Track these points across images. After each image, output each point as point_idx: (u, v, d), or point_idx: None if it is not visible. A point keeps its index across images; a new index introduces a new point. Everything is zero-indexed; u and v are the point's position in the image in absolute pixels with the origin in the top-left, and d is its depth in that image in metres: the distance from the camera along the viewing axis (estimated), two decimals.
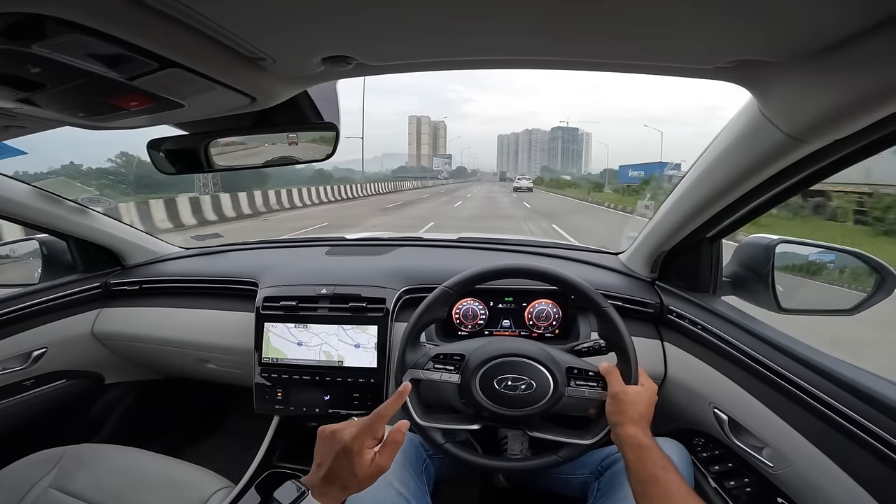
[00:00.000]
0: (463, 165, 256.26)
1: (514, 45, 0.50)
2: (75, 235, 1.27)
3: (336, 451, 0.53)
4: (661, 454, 0.65)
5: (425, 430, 0.74)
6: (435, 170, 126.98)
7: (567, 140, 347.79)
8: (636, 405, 0.70)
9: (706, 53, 0.48)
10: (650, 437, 0.67)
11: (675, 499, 0.59)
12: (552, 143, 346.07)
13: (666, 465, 0.63)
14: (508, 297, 1.10)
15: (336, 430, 0.54)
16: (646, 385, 0.74)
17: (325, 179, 32.21)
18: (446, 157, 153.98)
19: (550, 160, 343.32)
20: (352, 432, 0.53)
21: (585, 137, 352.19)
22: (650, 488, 0.61)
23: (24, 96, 0.51)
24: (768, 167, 0.65)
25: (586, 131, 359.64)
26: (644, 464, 0.63)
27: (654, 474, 0.62)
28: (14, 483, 0.89)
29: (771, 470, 0.73)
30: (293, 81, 0.60)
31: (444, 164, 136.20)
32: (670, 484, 0.60)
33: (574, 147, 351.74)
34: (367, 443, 0.53)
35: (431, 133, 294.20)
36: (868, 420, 0.58)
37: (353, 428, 0.54)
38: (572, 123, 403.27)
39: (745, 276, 0.91)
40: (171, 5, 0.37)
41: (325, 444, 0.55)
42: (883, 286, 0.78)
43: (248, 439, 1.25)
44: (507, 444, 0.86)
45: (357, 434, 0.53)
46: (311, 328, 1.07)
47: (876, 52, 0.41)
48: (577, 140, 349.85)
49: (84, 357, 1.33)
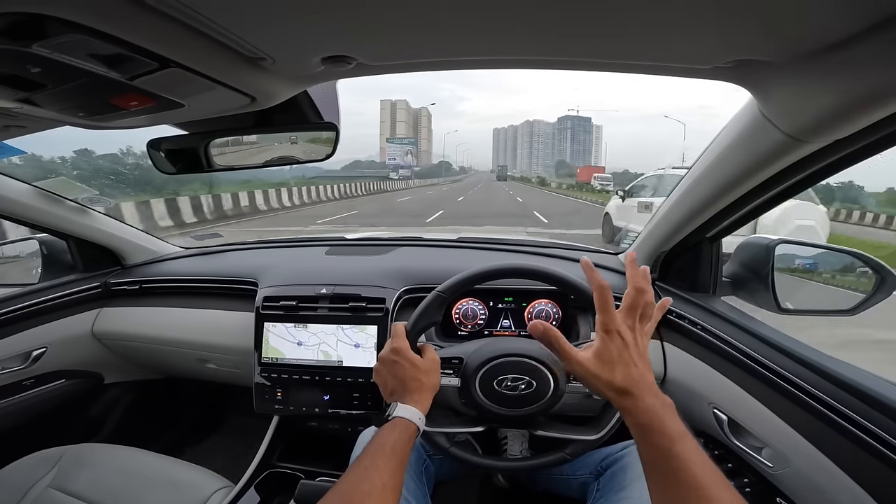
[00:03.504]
0: (446, 160, 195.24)
1: (514, 45, 0.50)
2: (75, 235, 1.27)
3: (391, 367, 0.66)
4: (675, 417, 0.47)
5: (429, 435, 0.74)
6: (390, 163, 68.87)
7: (578, 131, 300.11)
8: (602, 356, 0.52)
9: (705, 53, 0.48)
10: (652, 394, 0.49)
11: (702, 481, 0.42)
12: (560, 134, 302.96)
13: (683, 434, 0.45)
14: (508, 297, 1.10)
15: (380, 358, 0.68)
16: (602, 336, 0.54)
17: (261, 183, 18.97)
18: (405, 142, 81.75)
19: (555, 156, 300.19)
20: (386, 349, 0.68)
21: (595, 130, 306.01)
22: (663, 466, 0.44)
23: (25, 96, 0.51)
24: (768, 167, 0.65)
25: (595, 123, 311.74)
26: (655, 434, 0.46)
27: (668, 448, 0.44)
28: (14, 483, 0.89)
29: (770, 470, 0.73)
30: (293, 81, 0.60)
31: (403, 153, 71.54)
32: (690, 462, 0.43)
33: (585, 139, 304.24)
34: (405, 345, 0.68)
35: (411, 122, 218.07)
36: (868, 420, 0.58)
37: (385, 350, 0.68)
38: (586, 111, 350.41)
39: (745, 276, 0.91)
40: (171, 5, 0.37)
41: (380, 374, 0.68)
42: (883, 286, 0.78)
43: (247, 439, 1.25)
44: (506, 445, 0.86)
45: (392, 347, 0.67)
46: (310, 328, 1.07)
47: (876, 52, 0.41)
48: (588, 131, 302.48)
49: (84, 357, 1.33)
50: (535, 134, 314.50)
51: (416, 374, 0.66)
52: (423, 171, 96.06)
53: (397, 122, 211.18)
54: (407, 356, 0.67)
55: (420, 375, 0.66)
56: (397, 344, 0.68)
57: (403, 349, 0.67)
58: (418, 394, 0.64)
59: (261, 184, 13.92)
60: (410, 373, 0.66)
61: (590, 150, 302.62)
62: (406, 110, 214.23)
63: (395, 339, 0.69)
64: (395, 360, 0.66)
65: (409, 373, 0.66)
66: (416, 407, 0.62)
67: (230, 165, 0.84)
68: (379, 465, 0.53)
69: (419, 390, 0.65)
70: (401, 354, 0.67)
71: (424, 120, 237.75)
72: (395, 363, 0.66)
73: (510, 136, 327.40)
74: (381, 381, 0.68)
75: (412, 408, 0.62)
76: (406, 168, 69.31)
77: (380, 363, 0.68)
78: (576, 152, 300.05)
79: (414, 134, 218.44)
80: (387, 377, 0.67)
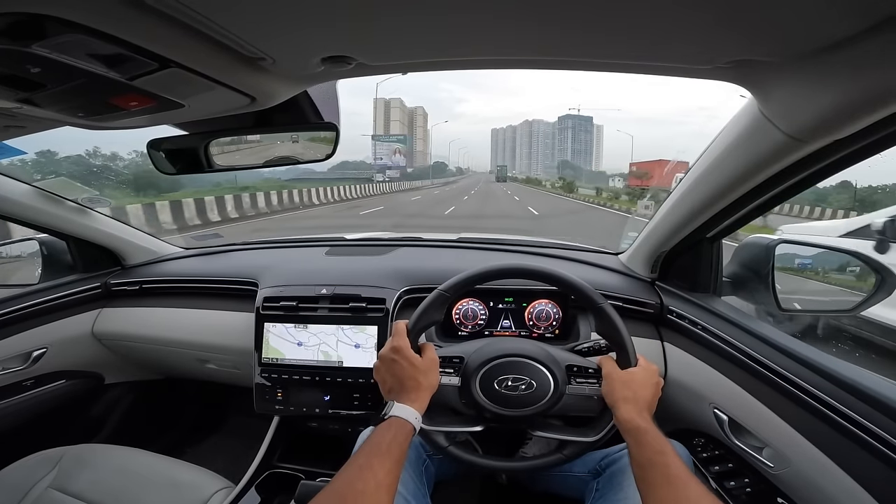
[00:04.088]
0: (441, 160, 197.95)
1: (514, 45, 0.50)
2: (75, 235, 1.27)
3: (390, 366, 0.67)
4: (659, 437, 0.61)
5: (429, 434, 0.74)
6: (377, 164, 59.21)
7: (579, 131, 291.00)
8: (629, 385, 0.67)
9: (705, 53, 0.48)
10: (648, 420, 0.64)
11: (675, 484, 0.55)
12: (562, 133, 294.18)
13: (664, 449, 0.59)
14: (508, 297, 1.10)
15: (380, 356, 0.69)
16: (643, 366, 0.71)
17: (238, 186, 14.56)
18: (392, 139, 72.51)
19: (556, 156, 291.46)
20: (387, 347, 0.68)
21: (597, 130, 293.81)
22: (648, 473, 0.58)
23: (24, 96, 0.51)
24: (768, 167, 0.65)
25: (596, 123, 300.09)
26: (641, 447, 0.60)
27: (650, 458, 0.58)
28: (14, 483, 0.89)
29: (771, 470, 0.73)
30: (293, 81, 0.60)
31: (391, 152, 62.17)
32: (669, 469, 0.56)
33: (586, 139, 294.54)
34: (405, 344, 0.68)
35: (406, 121, 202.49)
36: (868, 420, 0.58)
37: (385, 348, 0.69)
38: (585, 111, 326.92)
39: (746, 276, 0.91)
40: (171, 5, 0.37)
41: (380, 372, 0.69)
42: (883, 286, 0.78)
43: (248, 439, 1.25)
44: (526, 445, 0.86)
45: (392, 346, 0.68)
46: (311, 328, 1.07)
47: (876, 52, 0.41)
48: (589, 131, 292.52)
49: (84, 357, 1.33)
50: (535, 135, 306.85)
51: (414, 374, 0.66)
52: (416, 171, 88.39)
53: (391, 122, 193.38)
54: (406, 355, 0.67)
55: (418, 375, 0.66)
56: (397, 343, 0.68)
57: (403, 348, 0.67)
58: (415, 393, 0.65)
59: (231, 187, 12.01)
60: (409, 372, 0.66)
61: (590, 150, 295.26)
62: (400, 109, 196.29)
63: (396, 337, 0.69)
64: (394, 358, 0.67)
65: (407, 372, 0.66)
66: (413, 406, 0.63)
67: (230, 165, 0.84)
68: (374, 464, 0.53)
69: (416, 389, 0.65)
70: (400, 353, 0.67)
71: (420, 119, 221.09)
72: (394, 362, 0.67)
73: (509, 137, 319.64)
74: (380, 378, 0.69)
75: (408, 407, 0.62)
76: (395, 168, 58.81)
77: (380, 361, 0.69)
78: (576, 152, 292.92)
79: (409, 134, 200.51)
80: (385, 375, 0.68)
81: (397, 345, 0.68)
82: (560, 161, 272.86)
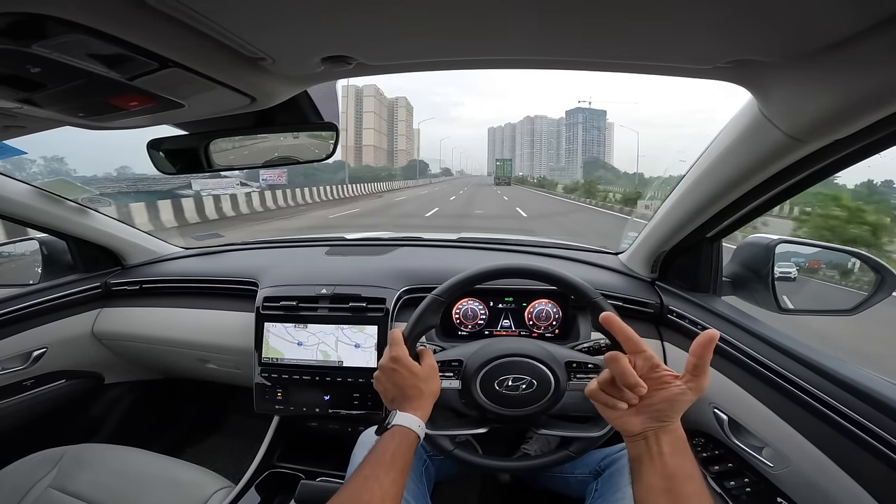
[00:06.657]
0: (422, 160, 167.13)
1: (514, 46, 0.50)
2: (75, 235, 1.27)
3: (390, 375, 0.66)
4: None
5: (434, 439, 0.74)
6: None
7: (590, 127, 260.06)
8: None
9: (705, 53, 0.48)
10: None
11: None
12: (570, 129, 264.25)
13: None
14: (508, 297, 1.10)
15: (380, 367, 0.68)
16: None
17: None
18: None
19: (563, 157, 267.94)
20: (385, 358, 0.67)
21: (607, 127, 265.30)
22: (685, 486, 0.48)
23: (25, 96, 0.51)
24: (768, 167, 0.65)
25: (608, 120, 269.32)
26: (683, 457, 0.50)
27: (691, 473, 0.49)
28: (14, 483, 0.89)
29: (771, 470, 0.73)
30: (293, 81, 0.60)
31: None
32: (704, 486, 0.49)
33: (597, 137, 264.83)
34: (403, 352, 0.67)
35: (384, 114, 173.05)
36: (868, 420, 0.58)
37: (384, 359, 0.67)
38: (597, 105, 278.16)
39: (745, 276, 0.91)
40: (171, 5, 0.37)
41: (380, 382, 0.67)
42: (883, 286, 0.78)
43: (248, 439, 1.25)
44: (528, 442, 0.86)
45: (390, 356, 0.67)
46: (310, 328, 1.07)
47: (876, 52, 0.41)
48: (600, 128, 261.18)
49: (84, 357, 1.33)
50: (537, 133, 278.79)
51: (414, 382, 0.65)
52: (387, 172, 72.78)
53: (364, 113, 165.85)
54: (405, 364, 0.66)
55: (419, 383, 0.66)
56: (395, 352, 0.67)
57: (401, 357, 0.67)
58: (417, 401, 0.64)
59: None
60: (409, 380, 0.65)
61: (602, 148, 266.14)
62: (375, 98, 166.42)
63: (393, 346, 0.68)
64: (393, 368, 0.66)
65: (407, 381, 0.65)
66: (416, 414, 0.62)
67: (230, 165, 0.84)
68: (379, 475, 0.53)
69: (418, 397, 0.65)
70: (399, 362, 0.66)
71: (403, 112, 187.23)
72: (394, 371, 0.66)
73: (508, 136, 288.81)
74: (381, 389, 0.68)
75: (411, 415, 0.62)
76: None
77: (380, 371, 0.68)
78: (587, 152, 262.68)
79: (389, 130, 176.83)
80: (387, 385, 0.67)
81: (395, 354, 0.67)
82: (587, 159, 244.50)
